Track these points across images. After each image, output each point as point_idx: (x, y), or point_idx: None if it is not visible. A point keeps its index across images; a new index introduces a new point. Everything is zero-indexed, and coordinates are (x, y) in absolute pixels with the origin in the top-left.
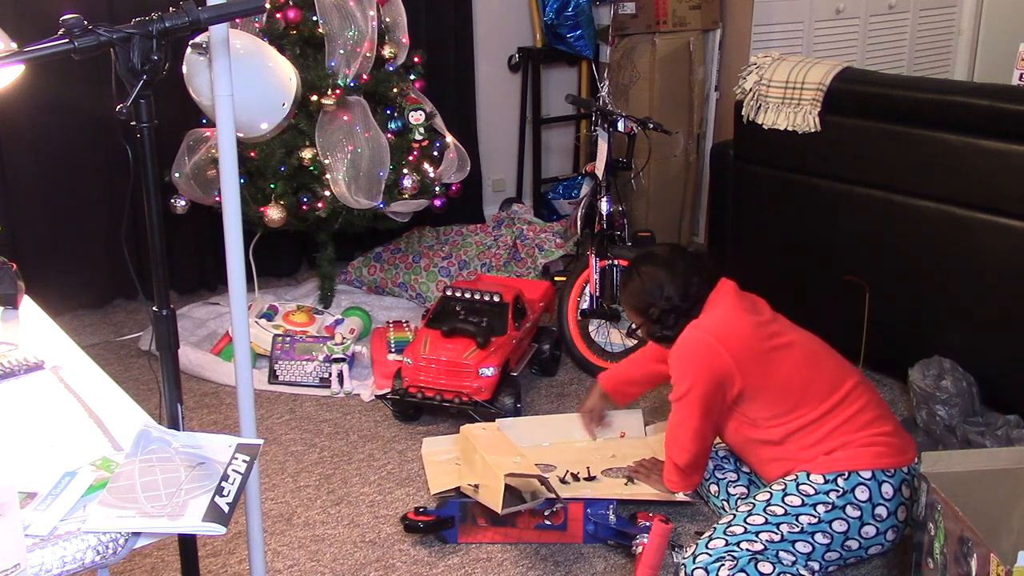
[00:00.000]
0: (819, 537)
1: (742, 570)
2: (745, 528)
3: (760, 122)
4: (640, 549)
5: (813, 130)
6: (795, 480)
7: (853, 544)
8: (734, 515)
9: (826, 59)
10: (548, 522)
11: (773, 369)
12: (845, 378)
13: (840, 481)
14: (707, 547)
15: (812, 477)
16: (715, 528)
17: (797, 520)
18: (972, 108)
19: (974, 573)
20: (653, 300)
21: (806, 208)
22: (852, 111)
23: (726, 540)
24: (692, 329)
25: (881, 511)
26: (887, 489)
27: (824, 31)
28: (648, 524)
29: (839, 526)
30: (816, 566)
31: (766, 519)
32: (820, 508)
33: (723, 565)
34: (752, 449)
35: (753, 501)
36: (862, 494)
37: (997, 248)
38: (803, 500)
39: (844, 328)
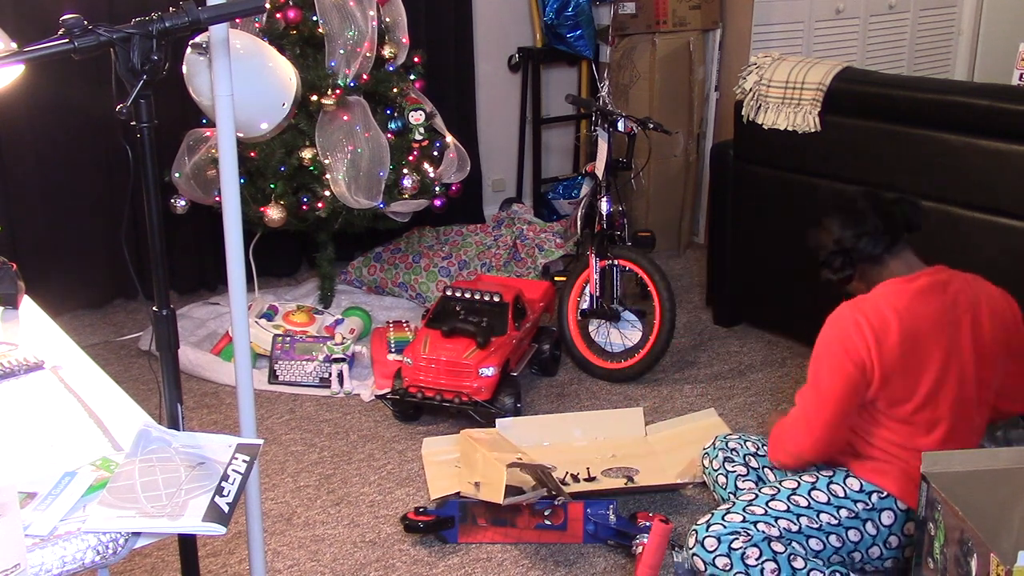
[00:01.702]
0: (832, 539)
1: (755, 545)
2: (766, 511)
3: (760, 122)
4: (640, 549)
5: (813, 130)
6: (830, 477)
7: (857, 556)
8: (756, 495)
9: (826, 59)
10: (548, 522)
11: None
12: (945, 413)
13: (874, 497)
14: (723, 519)
15: (849, 480)
16: (734, 503)
17: (818, 517)
18: (972, 108)
19: (974, 573)
20: (826, 242)
21: (806, 208)
22: (852, 111)
23: (744, 517)
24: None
25: (894, 541)
26: (910, 527)
27: (824, 31)
28: (648, 524)
29: (853, 535)
30: (821, 563)
31: (788, 507)
32: (843, 512)
33: (737, 538)
34: None
35: (778, 486)
36: (887, 518)
37: (997, 248)
38: (829, 498)
39: None
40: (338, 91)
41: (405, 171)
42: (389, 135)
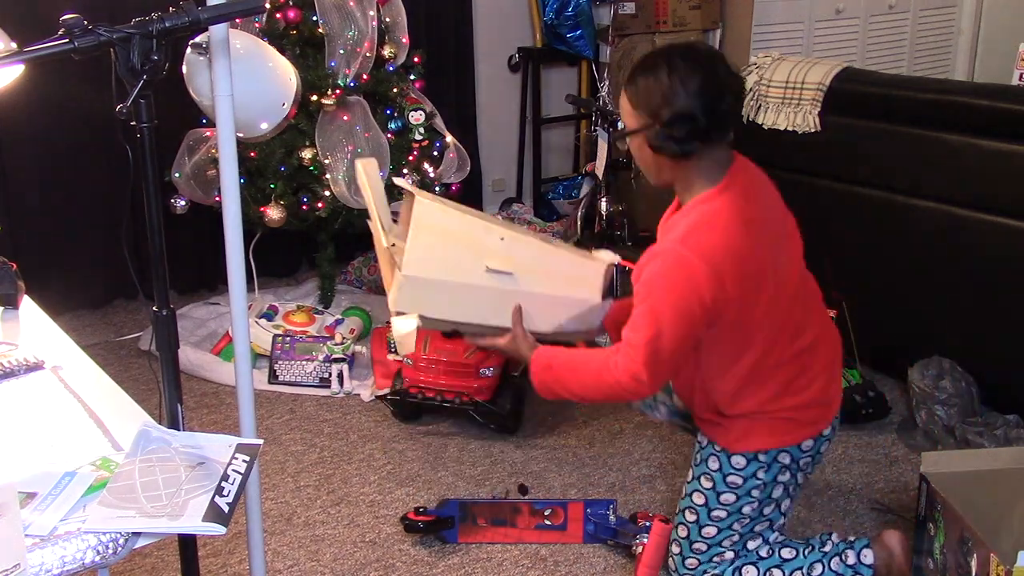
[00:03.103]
0: (767, 510)
1: None
2: (708, 545)
3: (760, 122)
4: (640, 549)
5: (813, 130)
6: (719, 470)
7: (787, 503)
8: (688, 528)
9: (826, 59)
10: (548, 522)
11: (751, 306)
12: (804, 328)
13: (761, 457)
14: (684, 565)
15: (734, 460)
16: (680, 544)
17: (741, 512)
18: (972, 108)
19: (974, 573)
20: (671, 99)
21: (806, 208)
22: (852, 111)
23: (698, 560)
24: (680, 246)
25: (806, 461)
26: (808, 444)
27: (824, 31)
28: (648, 524)
29: (777, 491)
30: (779, 529)
31: (718, 528)
32: (755, 492)
33: None
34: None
35: (694, 507)
36: (784, 458)
37: (997, 248)
38: (737, 495)
39: (842, 328)
40: (338, 91)
41: (405, 171)
42: (389, 135)
